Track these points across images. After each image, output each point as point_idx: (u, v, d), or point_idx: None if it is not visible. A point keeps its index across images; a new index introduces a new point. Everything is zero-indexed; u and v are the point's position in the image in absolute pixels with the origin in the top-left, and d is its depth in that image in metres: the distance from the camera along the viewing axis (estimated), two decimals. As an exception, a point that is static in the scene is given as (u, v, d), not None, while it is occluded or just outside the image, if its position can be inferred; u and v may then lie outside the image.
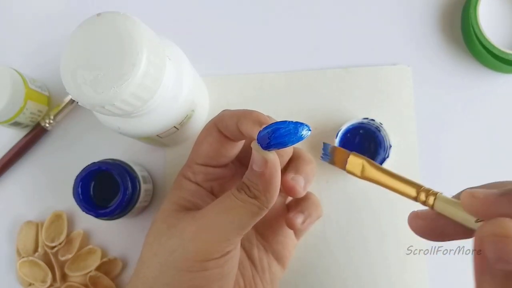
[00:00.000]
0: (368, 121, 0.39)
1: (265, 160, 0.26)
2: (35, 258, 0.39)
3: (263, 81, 0.42)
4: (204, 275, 0.27)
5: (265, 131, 0.25)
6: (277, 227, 0.34)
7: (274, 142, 0.25)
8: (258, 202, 0.27)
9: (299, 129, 0.25)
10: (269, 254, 0.34)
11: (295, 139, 0.25)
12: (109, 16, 0.27)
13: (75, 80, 0.27)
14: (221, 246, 0.27)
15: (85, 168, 0.36)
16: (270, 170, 0.26)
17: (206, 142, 0.30)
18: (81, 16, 0.28)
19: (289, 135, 0.25)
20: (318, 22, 0.42)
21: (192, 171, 0.31)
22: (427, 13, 0.42)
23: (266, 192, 0.27)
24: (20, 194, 0.42)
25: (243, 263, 0.33)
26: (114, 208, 0.36)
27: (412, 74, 0.41)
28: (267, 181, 0.27)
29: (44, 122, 0.41)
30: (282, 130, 0.25)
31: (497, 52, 0.39)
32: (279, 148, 0.26)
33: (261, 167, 0.26)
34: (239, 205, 0.27)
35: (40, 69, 0.43)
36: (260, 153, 0.26)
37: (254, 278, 0.32)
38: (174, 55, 0.33)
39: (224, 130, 0.29)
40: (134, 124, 0.32)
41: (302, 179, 0.31)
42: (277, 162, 0.27)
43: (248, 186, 0.27)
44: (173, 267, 0.27)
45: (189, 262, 0.27)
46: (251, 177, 0.27)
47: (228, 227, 0.27)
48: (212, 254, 0.27)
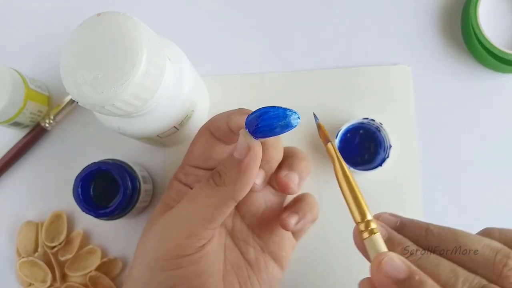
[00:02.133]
0: (368, 121, 0.39)
1: (249, 147, 0.26)
2: (35, 258, 0.39)
3: (263, 81, 0.42)
4: (179, 273, 0.27)
5: (254, 114, 0.25)
6: (273, 227, 0.34)
7: (262, 124, 0.25)
8: (223, 190, 0.26)
9: (287, 113, 0.25)
10: (266, 254, 0.33)
11: (284, 124, 0.25)
12: (109, 16, 0.27)
13: (75, 80, 0.27)
14: (189, 242, 0.26)
15: (85, 168, 0.36)
16: (250, 160, 0.26)
17: (198, 144, 0.31)
18: (82, 16, 0.28)
19: (277, 118, 0.25)
20: (318, 22, 0.42)
21: (184, 172, 0.32)
22: (427, 13, 0.42)
23: (237, 181, 0.26)
24: (20, 194, 0.42)
25: (237, 263, 0.32)
26: (114, 208, 0.36)
27: (412, 74, 0.41)
28: (243, 169, 0.26)
29: (44, 122, 0.41)
30: (271, 113, 0.25)
31: (497, 52, 0.39)
32: (267, 135, 0.25)
33: (242, 154, 0.26)
34: (202, 196, 0.27)
35: (40, 69, 0.43)
36: (246, 138, 0.26)
37: (250, 278, 0.32)
38: (174, 55, 0.33)
39: (216, 131, 0.30)
40: (134, 124, 0.32)
41: (296, 176, 0.31)
42: (259, 153, 0.26)
43: (220, 173, 0.27)
44: (149, 267, 0.27)
45: (161, 261, 0.27)
46: (227, 163, 0.27)
47: (192, 221, 0.27)
48: (182, 250, 0.26)
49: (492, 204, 0.40)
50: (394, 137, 0.40)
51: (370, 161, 0.40)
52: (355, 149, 0.40)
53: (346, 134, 0.40)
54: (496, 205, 0.40)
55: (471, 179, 0.40)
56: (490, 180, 0.40)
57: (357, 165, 0.39)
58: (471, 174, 0.40)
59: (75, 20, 0.28)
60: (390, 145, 0.38)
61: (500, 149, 0.40)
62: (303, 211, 0.33)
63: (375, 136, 0.40)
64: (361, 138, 0.40)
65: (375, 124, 0.39)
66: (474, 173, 0.40)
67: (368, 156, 0.40)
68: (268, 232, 0.34)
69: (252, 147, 0.26)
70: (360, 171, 0.38)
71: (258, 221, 0.34)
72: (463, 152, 0.41)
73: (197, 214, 0.27)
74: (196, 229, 0.27)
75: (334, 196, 0.40)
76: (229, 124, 0.28)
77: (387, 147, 0.39)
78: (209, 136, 0.30)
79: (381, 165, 0.38)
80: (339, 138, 0.39)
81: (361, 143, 0.40)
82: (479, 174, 0.40)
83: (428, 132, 0.41)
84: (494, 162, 0.40)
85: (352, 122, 0.39)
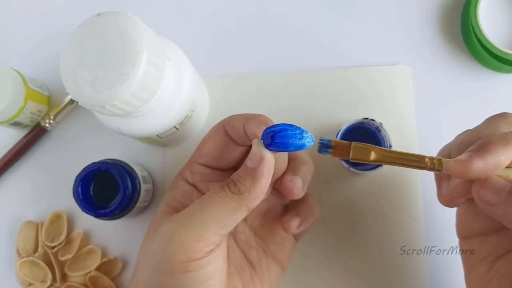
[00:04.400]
0: (368, 121, 0.39)
1: (262, 157, 0.26)
2: (35, 258, 0.39)
3: (263, 81, 0.42)
4: (188, 277, 0.26)
5: (272, 129, 0.26)
6: (275, 229, 0.34)
7: (278, 141, 0.25)
8: (238, 198, 0.26)
9: (304, 136, 0.26)
10: (268, 256, 0.33)
11: (298, 145, 0.26)
12: (109, 16, 0.27)
13: (75, 80, 0.27)
14: (199, 246, 0.26)
15: (85, 168, 0.36)
16: (263, 169, 0.26)
17: (211, 141, 0.31)
18: (82, 16, 0.28)
19: (293, 138, 0.26)
20: (318, 22, 0.42)
21: (191, 170, 0.32)
22: (427, 13, 0.42)
23: (252, 189, 0.26)
24: (20, 194, 0.42)
25: (241, 265, 0.32)
26: (114, 208, 0.36)
27: (412, 74, 0.41)
28: (257, 178, 0.26)
29: (44, 122, 0.41)
30: (288, 132, 0.26)
31: (497, 52, 0.39)
32: (279, 150, 0.26)
33: (256, 163, 0.26)
34: (217, 201, 0.27)
35: (40, 69, 0.43)
36: (259, 148, 0.26)
37: (253, 279, 0.32)
38: (174, 55, 0.33)
39: (231, 131, 0.30)
40: (134, 124, 0.32)
41: (300, 180, 0.31)
42: (272, 163, 0.27)
43: (235, 181, 0.27)
44: (157, 270, 0.27)
45: (170, 264, 0.26)
46: (241, 173, 0.27)
47: (204, 226, 0.27)
48: (192, 254, 0.26)
49: (492, 204, 0.40)
50: (394, 137, 0.40)
51: (370, 161, 0.40)
52: (355, 149, 0.40)
53: (346, 134, 0.40)
54: (496, 205, 0.40)
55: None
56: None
57: (357, 165, 0.39)
58: (471, 174, 0.40)
59: (75, 20, 0.28)
60: (390, 145, 0.38)
61: (500, 149, 0.40)
62: (305, 214, 0.33)
63: (375, 136, 0.40)
64: (361, 138, 0.40)
65: (375, 124, 0.39)
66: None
67: (368, 156, 0.40)
68: (270, 233, 0.34)
69: (265, 157, 0.26)
70: (360, 171, 0.38)
71: (260, 222, 0.34)
72: (463, 152, 0.41)
73: (210, 219, 0.27)
74: (208, 233, 0.27)
75: (335, 196, 0.40)
76: (246, 128, 0.28)
77: (387, 147, 0.39)
78: (223, 134, 0.30)
79: (381, 165, 0.38)
80: (339, 138, 0.39)
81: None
82: (479, 174, 0.40)
83: (428, 132, 0.41)
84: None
85: (352, 122, 0.39)
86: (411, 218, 0.40)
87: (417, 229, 0.40)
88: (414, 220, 0.40)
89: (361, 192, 0.40)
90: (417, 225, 0.39)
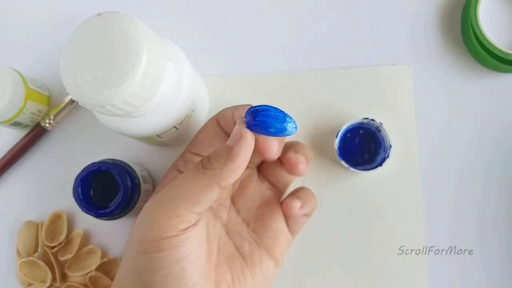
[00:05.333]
0: (368, 121, 0.39)
1: (241, 135, 0.26)
2: (35, 258, 0.39)
3: (263, 81, 0.42)
4: (160, 256, 0.26)
5: (255, 108, 0.26)
6: (269, 221, 0.34)
7: (259, 119, 0.26)
8: (210, 174, 0.26)
9: (287, 119, 0.26)
10: (261, 249, 0.33)
11: (279, 127, 0.26)
12: (109, 16, 0.27)
13: (75, 80, 0.27)
14: (171, 223, 0.26)
15: (85, 168, 0.36)
16: (240, 148, 0.26)
17: (204, 131, 0.33)
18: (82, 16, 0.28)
19: (275, 119, 0.26)
20: (318, 22, 0.42)
21: (184, 159, 0.33)
22: (427, 13, 0.42)
23: (225, 166, 0.26)
24: (20, 194, 0.42)
25: (231, 256, 0.32)
26: (114, 208, 0.36)
27: (412, 74, 0.41)
28: (232, 156, 0.26)
29: (44, 122, 0.41)
30: (271, 112, 0.26)
31: (497, 52, 0.39)
32: (261, 131, 0.26)
33: (234, 141, 0.27)
34: (188, 178, 0.27)
35: (40, 69, 0.43)
36: (240, 127, 0.27)
37: (244, 271, 0.32)
38: (174, 55, 0.33)
39: (222, 120, 0.31)
40: (134, 124, 0.32)
41: (303, 158, 0.32)
42: (251, 144, 0.27)
43: (210, 157, 0.27)
44: (133, 250, 0.27)
45: (144, 243, 0.26)
46: (218, 150, 0.27)
47: (175, 202, 0.26)
48: (164, 232, 0.26)
49: (492, 203, 0.40)
50: (394, 137, 0.40)
51: (370, 161, 0.40)
52: (355, 149, 0.40)
53: (346, 134, 0.40)
54: (496, 205, 0.40)
55: (471, 178, 0.40)
56: (490, 180, 0.40)
57: (357, 165, 0.39)
58: (471, 173, 0.40)
59: (75, 20, 0.28)
60: (390, 145, 0.38)
61: (500, 149, 0.40)
62: (306, 198, 0.34)
63: (375, 136, 0.40)
64: (361, 138, 0.40)
65: (375, 124, 0.39)
66: (474, 173, 0.40)
67: (368, 156, 0.40)
68: (263, 226, 0.34)
69: (244, 136, 0.26)
70: (360, 171, 0.38)
71: (253, 215, 0.35)
72: (463, 151, 0.41)
73: (181, 195, 0.27)
74: (179, 210, 0.26)
75: (334, 196, 0.40)
76: (234, 115, 0.29)
77: (387, 147, 0.39)
78: (215, 124, 0.32)
79: (381, 165, 0.38)
80: (339, 138, 0.39)
81: (361, 143, 0.40)
82: (479, 174, 0.40)
83: (428, 132, 0.41)
84: (494, 161, 0.40)
85: (352, 122, 0.39)
86: (410, 218, 0.40)
87: (416, 229, 0.40)
88: (413, 220, 0.40)
89: (361, 192, 0.40)
90: (417, 225, 0.40)
